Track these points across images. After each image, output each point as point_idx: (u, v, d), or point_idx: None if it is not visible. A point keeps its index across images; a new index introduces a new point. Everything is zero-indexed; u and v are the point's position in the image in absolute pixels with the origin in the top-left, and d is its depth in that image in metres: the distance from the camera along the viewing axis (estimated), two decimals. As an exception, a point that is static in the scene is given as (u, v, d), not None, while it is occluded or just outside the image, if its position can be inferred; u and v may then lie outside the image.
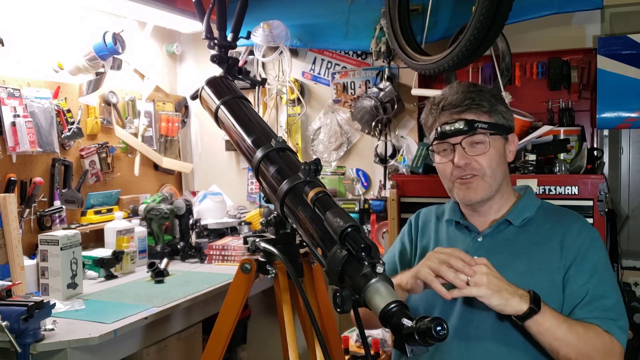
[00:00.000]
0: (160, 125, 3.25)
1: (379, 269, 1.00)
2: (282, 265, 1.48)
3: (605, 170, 2.58)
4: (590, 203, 2.09)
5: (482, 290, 1.25)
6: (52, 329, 1.74)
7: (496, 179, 1.47)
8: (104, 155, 2.89)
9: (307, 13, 3.04)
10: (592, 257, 1.41)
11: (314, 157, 2.78)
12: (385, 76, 2.95)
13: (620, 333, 1.35)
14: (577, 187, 2.11)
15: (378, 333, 2.72)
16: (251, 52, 3.18)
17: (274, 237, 1.52)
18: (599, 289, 1.38)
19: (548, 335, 1.29)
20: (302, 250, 1.55)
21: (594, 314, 1.36)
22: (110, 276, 2.40)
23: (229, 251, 2.69)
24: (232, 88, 1.77)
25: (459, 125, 1.44)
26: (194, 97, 1.85)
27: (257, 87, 3.23)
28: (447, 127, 1.46)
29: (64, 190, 2.64)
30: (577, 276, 1.40)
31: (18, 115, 2.40)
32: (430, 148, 1.55)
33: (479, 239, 1.51)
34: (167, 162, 3.25)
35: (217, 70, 1.85)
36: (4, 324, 1.55)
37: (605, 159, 2.63)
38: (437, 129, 1.49)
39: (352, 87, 3.12)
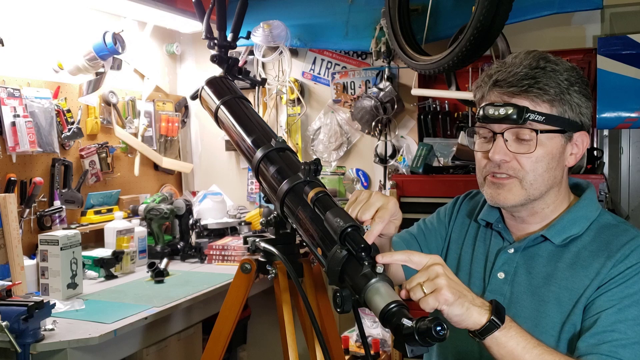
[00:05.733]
0: (160, 125, 3.25)
1: (379, 269, 1.00)
2: (282, 265, 1.48)
3: (605, 170, 2.58)
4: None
5: (445, 293, 0.95)
6: (52, 329, 1.74)
7: (538, 187, 1.17)
8: (104, 155, 2.89)
9: (307, 13, 3.04)
10: (629, 287, 1.09)
11: (314, 157, 2.78)
12: (385, 76, 2.95)
13: None
14: (577, 187, 2.11)
15: (378, 333, 2.72)
16: (251, 52, 3.19)
17: (274, 237, 1.52)
18: (612, 318, 1.06)
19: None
20: (302, 250, 1.55)
21: (599, 349, 1.04)
22: (110, 276, 2.40)
23: (229, 251, 2.69)
24: (232, 88, 1.77)
25: (505, 111, 1.14)
26: (194, 97, 1.85)
27: (257, 87, 3.23)
28: (491, 111, 1.15)
29: (64, 190, 2.64)
30: (595, 303, 1.10)
31: (18, 115, 2.40)
32: (470, 129, 1.27)
33: (510, 250, 1.24)
34: (167, 162, 3.25)
35: (217, 70, 1.85)
36: (4, 324, 1.55)
37: (605, 159, 2.62)
38: (481, 108, 1.19)
39: (352, 87, 3.12)
